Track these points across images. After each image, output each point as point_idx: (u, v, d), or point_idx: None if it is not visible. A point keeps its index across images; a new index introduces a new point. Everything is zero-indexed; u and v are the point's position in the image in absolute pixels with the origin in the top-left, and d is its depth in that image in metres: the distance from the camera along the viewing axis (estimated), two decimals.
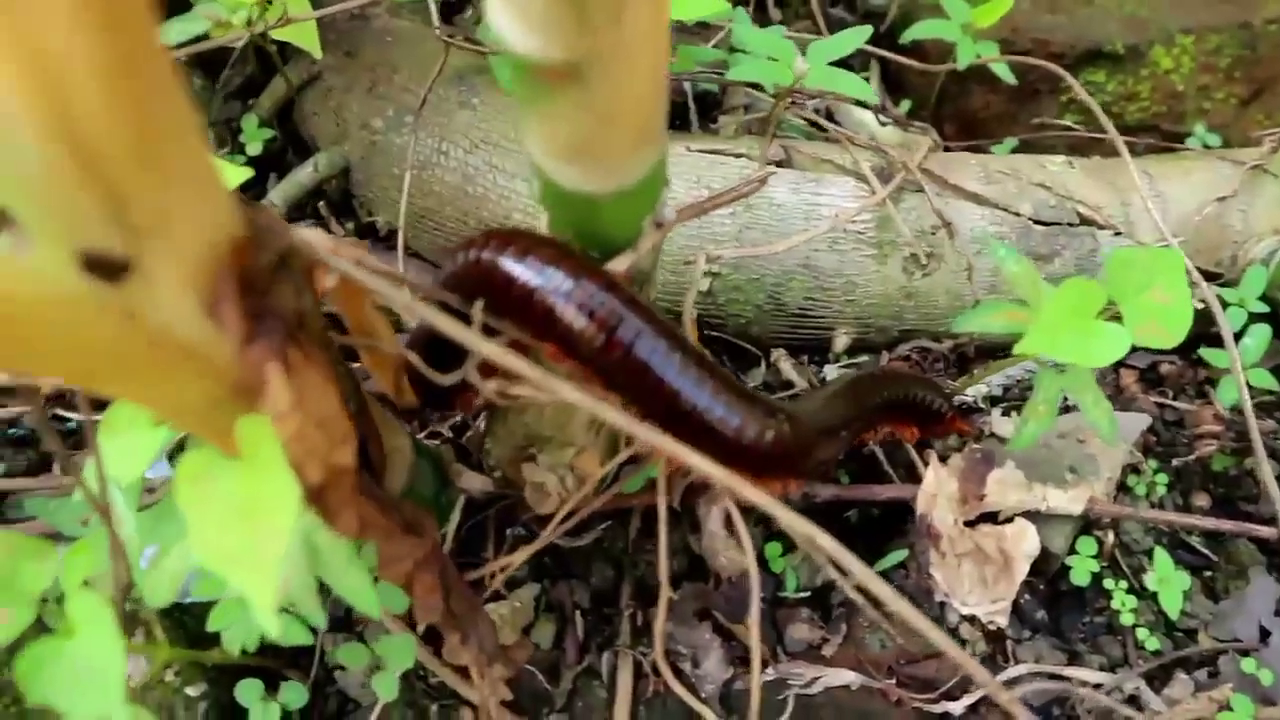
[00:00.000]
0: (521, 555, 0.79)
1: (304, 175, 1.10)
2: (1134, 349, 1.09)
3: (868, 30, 1.02)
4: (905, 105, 1.40)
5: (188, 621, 0.86)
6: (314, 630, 0.85)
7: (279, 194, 1.10)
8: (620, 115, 0.58)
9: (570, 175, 0.64)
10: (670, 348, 0.65)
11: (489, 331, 0.70)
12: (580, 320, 0.63)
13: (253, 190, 1.16)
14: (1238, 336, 0.97)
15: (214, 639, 0.79)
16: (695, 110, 1.30)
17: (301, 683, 0.85)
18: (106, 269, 0.46)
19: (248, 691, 0.82)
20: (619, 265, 0.70)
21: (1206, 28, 1.23)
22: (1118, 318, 0.81)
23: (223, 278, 0.49)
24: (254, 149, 1.13)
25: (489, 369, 0.73)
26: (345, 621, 0.91)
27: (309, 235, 0.60)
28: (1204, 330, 1.02)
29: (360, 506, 0.60)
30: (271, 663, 0.87)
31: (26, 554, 0.62)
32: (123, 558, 0.61)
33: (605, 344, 0.64)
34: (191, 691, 0.82)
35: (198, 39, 0.86)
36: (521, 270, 0.64)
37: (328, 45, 1.13)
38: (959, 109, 1.36)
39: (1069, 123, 1.26)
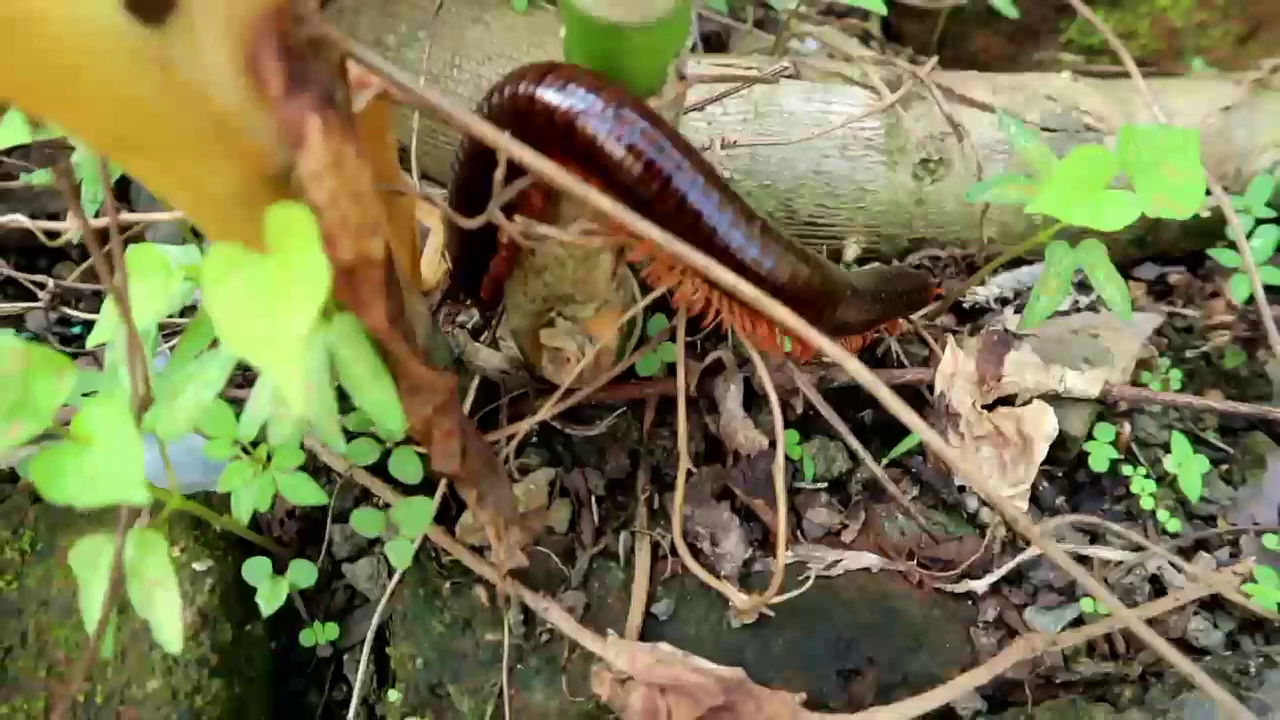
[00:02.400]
0: (538, 416, 0.78)
1: None
2: (1141, 261, 1.11)
3: None
4: (904, 54, 1.42)
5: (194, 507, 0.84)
6: (317, 518, 0.83)
7: None
8: None
9: (598, 1, 0.64)
10: (709, 185, 0.65)
11: (519, 171, 0.70)
12: (619, 150, 0.63)
13: None
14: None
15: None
16: (702, 50, 1.32)
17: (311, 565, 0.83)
18: (150, 5, 0.46)
19: (255, 569, 0.81)
20: None
21: None
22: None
23: (264, 32, 0.49)
24: None
25: (512, 211, 0.72)
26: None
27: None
28: (1208, 244, 1.03)
29: (392, 308, 0.59)
30: (278, 549, 0.85)
31: (43, 367, 0.60)
32: (141, 361, 0.60)
33: (644, 174, 0.63)
34: (198, 566, 0.80)
35: None
36: (562, 98, 0.64)
37: None
38: (959, 52, 1.38)
39: (1070, 57, 1.28)
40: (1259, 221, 1.00)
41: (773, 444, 0.87)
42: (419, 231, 0.99)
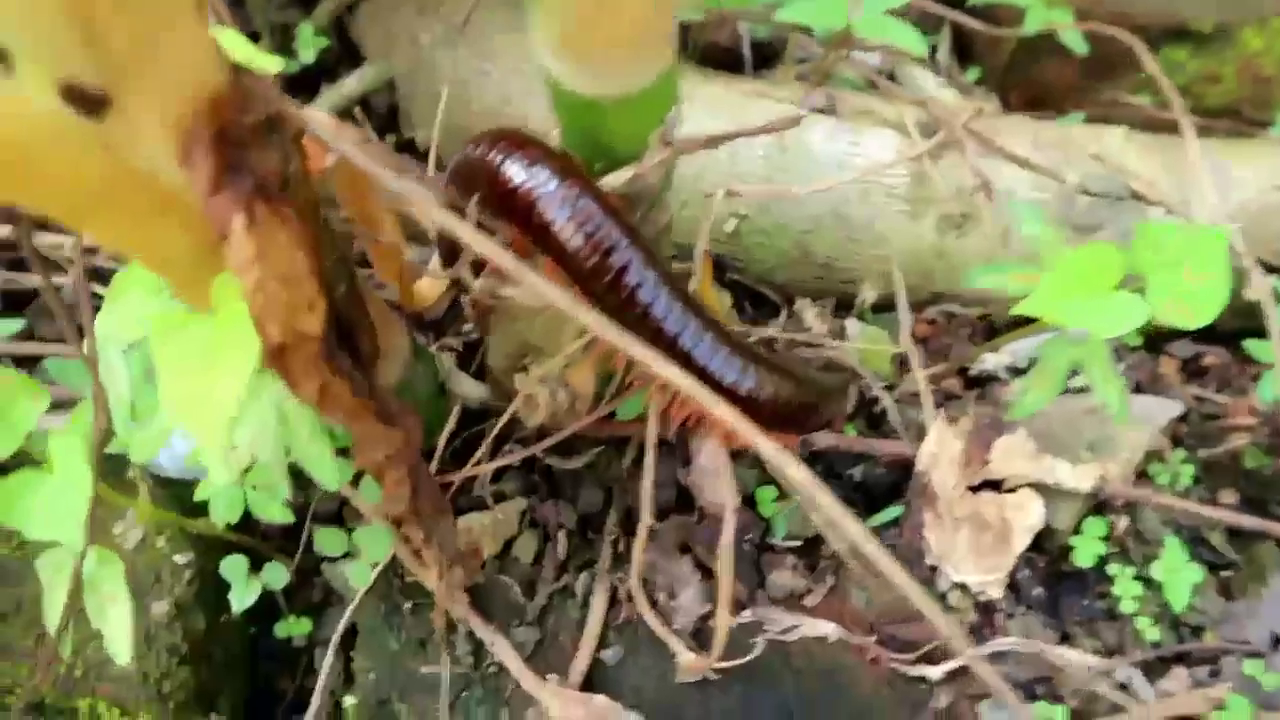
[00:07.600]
0: (502, 461, 0.79)
1: (349, 86, 1.12)
2: (1179, 335, 1.05)
3: None
4: (974, 73, 1.35)
5: (185, 495, 0.89)
6: (299, 516, 0.87)
7: (325, 101, 1.12)
8: (617, 3, 0.57)
9: (572, 75, 0.63)
10: (660, 283, 0.64)
11: (485, 230, 0.70)
12: (566, 226, 0.63)
13: (303, 96, 1.18)
14: None
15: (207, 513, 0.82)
16: (751, 58, 1.27)
17: (285, 565, 0.87)
18: (86, 102, 0.47)
19: (232, 567, 0.85)
20: (619, 178, 0.69)
21: None
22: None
23: (199, 125, 0.50)
24: (307, 56, 1.15)
25: (481, 268, 0.73)
26: (337, 516, 0.93)
27: (310, 113, 0.61)
28: (1254, 324, 0.96)
29: (328, 380, 0.60)
30: (260, 545, 0.89)
31: (20, 391, 0.64)
32: (102, 403, 0.63)
33: (599, 265, 0.63)
34: (179, 559, 0.85)
35: None
36: (510, 166, 0.64)
37: None
38: (1029, 79, 1.30)
39: (1143, 101, 1.20)
40: None
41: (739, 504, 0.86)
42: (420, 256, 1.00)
